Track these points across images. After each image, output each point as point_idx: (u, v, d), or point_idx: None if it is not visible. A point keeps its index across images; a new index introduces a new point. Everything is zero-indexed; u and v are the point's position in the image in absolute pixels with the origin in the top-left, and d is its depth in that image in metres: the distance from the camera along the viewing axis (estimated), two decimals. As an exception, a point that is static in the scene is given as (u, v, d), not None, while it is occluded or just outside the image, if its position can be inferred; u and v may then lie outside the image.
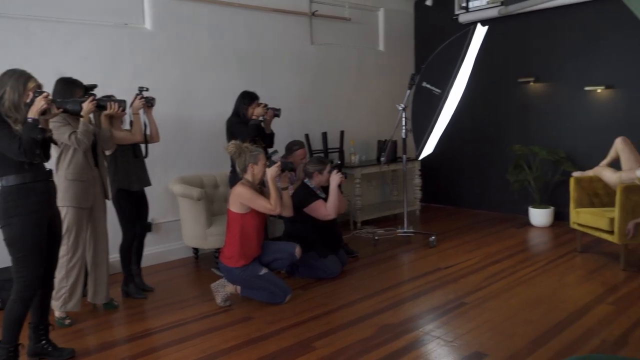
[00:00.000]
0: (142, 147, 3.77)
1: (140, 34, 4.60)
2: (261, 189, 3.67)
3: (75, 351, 2.93)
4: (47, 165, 2.74)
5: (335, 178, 4.12)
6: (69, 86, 3.29)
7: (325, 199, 4.20)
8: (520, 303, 3.50)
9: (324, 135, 5.77)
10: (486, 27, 4.93)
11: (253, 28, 5.35)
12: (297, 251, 3.75)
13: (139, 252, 3.96)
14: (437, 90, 4.82)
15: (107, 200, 3.52)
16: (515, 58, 6.15)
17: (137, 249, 3.95)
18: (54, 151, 3.20)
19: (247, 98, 4.36)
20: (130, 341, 3.12)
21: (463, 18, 6.34)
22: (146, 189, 3.92)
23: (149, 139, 3.79)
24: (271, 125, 4.56)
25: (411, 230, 5.27)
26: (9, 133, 2.51)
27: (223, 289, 3.64)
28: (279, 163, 3.62)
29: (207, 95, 5.02)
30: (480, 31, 4.85)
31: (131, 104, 3.63)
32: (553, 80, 5.88)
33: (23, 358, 2.79)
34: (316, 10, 5.85)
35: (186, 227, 4.60)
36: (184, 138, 4.90)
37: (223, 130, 4.42)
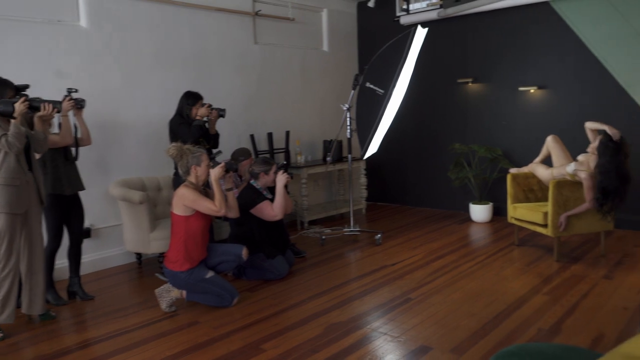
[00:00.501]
0: (73, 150, 3.66)
1: (75, 32, 4.41)
2: (206, 191, 3.62)
3: (9, 366, 2.78)
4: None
5: (281, 178, 4.12)
6: (-1, 87, 3.12)
7: (271, 200, 4.19)
8: (462, 297, 3.62)
9: (270, 135, 5.76)
10: (426, 29, 5.07)
11: (196, 27, 5.25)
12: (244, 253, 3.72)
13: (77, 259, 3.81)
14: (380, 90, 4.91)
15: (43, 205, 3.36)
16: (454, 59, 6.36)
17: (74, 256, 3.79)
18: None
19: (191, 98, 4.29)
20: (68, 353, 2.98)
21: (404, 20, 6.49)
22: (84, 193, 3.78)
23: (80, 142, 3.67)
24: (216, 125, 4.50)
25: (357, 229, 5.34)
26: None
27: (168, 294, 3.55)
28: (223, 164, 3.58)
29: (150, 95, 4.89)
30: (420, 33, 4.97)
31: None
32: (490, 81, 6.12)
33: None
34: (259, 10, 5.82)
35: (128, 232, 4.45)
36: (125, 140, 4.74)
37: (166, 131, 4.32)
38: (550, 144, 4.58)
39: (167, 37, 5.02)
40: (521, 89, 5.82)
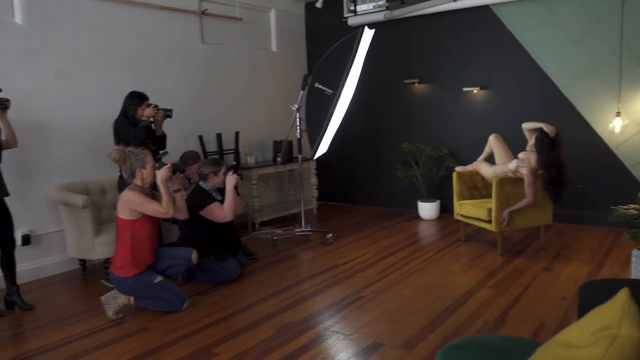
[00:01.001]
0: None
1: (9, 29, 4.19)
2: (152, 193, 3.53)
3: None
4: None
5: (231, 179, 4.07)
6: None
7: (221, 201, 4.14)
8: (412, 293, 3.70)
9: (219, 136, 5.68)
10: (373, 30, 5.15)
11: (139, 26, 5.11)
12: (194, 256, 3.66)
13: (11, 268, 3.62)
14: (329, 90, 4.94)
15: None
16: (401, 60, 6.49)
17: (8, 265, 3.60)
18: None
19: (136, 98, 4.17)
20: (8, 366, 2.84)
21: (352, 21, 6.56)
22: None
23: (4, 144, 3.49)
24: (162, 126, 4.40)
25: (309, 229, 5.36)
26: None
27: (114, 301, 3.44)
28: (170, 164, 3.50)
29: (92, 95, 4.72)
30: (367, 34, 5.04)
31: None
32: (435, 81, 6.29)
33: None
34: (206, 9, 5.73)
35: (71, 238, 4.28)
36: (66, 141, 4.55)
37: (110, 132, 4.18)
38: (492, 143, 4.76)
39: (109, 36, 4.86)
40: (465, 90, 6.01)
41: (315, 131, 5.12)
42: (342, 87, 4.92)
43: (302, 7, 7.15)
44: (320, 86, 5.00)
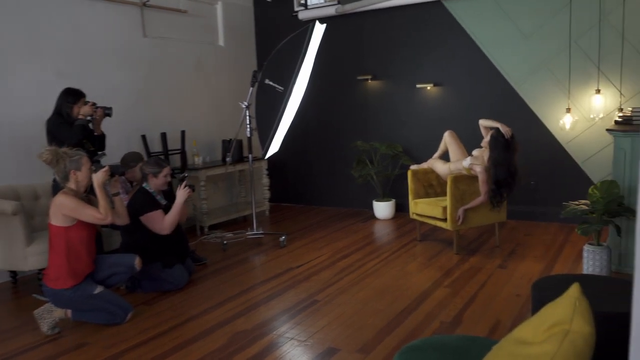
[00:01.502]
0: None
1: None
2: (89, 197, 3.40)
3: None
4: None
5: (182, 194, 4.00)
6: None
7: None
8: (368, 295, 3.74)
9: (163, 135, 5.56)
10: (324, 25, 5.17)
11: (73, 17, 4.92)
12: (137, 263, 3.55)
13: None
14: (280, 87, 4.92)
15: None
16: (353, 56, 6.55)
17: None
18: None
19: (72, 96, 4.02)
20: None
21: (302, 15, 6.57)
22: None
23: None
24: (101, 126, 4.26)
25: (261, 231, 5.32)
26: None
27: (50, 315, 3.30)
28: (107, 167, 3.39)
29: (20, 93, 4.51)
30: (319, 29, 5.06)
31: None
32: (389, 78, 6.38)
33: None
34: (148, 0, 5.59)
35: None
36: (-8, 143, 4.34)
37: (42, 132, 4.00)
38: (447, 140, 4.87)
39: (39, 27, 4.66)
40: (419, 86, 6.12)
41: (266, 129, 5.09)
42: (294, 84, 4.92)
43: (251, 0, 7.10)
44: (270, 82, 4.97)
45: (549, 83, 5.44)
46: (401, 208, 6.25)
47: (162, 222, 3.95)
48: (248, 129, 5.18)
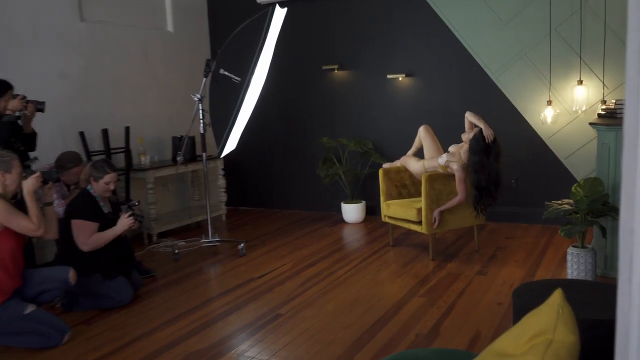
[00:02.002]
0: None
1: None
2: (19, 203, 3.30)
3: None
4: None
5: (124, 223, 3.91)
6: None
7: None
8: (337, 307, 3.75)
9: (105, 132, 5.45)
10: (285, 9, 5.16)
11: (-1, -2, 4.78)
12: (71, 276, 3.46)
13: None
14: (237, 78, 4.90)
15: None
16: (318, 43, 6.56)
17: None
18: None
19: (-2, 88, 3.90)
20: None
21: (261, -2, 6.54)
22: None
23: None
24: (32, 122, 4.15)
25: (217, 239, 5.28)
26: None
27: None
28: (38, 173, 3.31)
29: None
30: (279, 13, 5.06)
31: None
32: (357, 68, 6.42)
33: None
34: (85, -21, 5.48)
35: None
36: None
37: (-38, 130, 3.87)
38: (422, 135, 4.93)
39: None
40: (389, 77, 6.18)
41: (221, 125, 5.05)
42: (252, 74, 4.90)
43: (203, -19, 7.04)
44: (226, 73, 4.94)
45: (529, 73, 5.57)
46: (372, 210, 6.30)
47: (87, 238, 3.83)
48: (201, 125, 5.13)
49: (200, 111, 5.11)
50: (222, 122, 5.03)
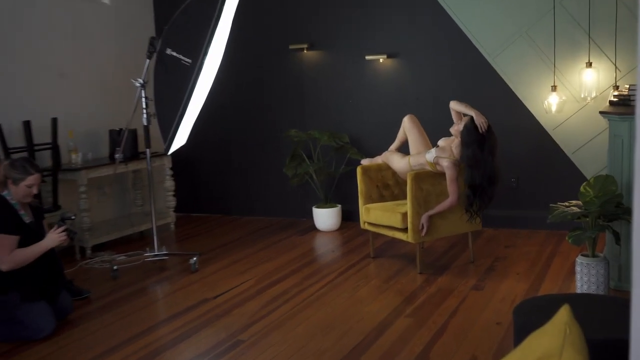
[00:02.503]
0: None
1: None
2: None
3: None
4: None
5: (53, 238, 3.88)
6: None
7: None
8: (309, 330, 3.75)
9: (27, 124, 5.37)
10: (245, -22, 5.14)
11: None
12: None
13: None
14: (187, 60, 4.86)
15: None
16: (284, 19, 6.56)
17: None
18: None
19: None
20: None
21: (216, -36, 6.51)
22: None
23: None
24: None
25: (164, 252, 5.25)
26: None
27: None
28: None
29: None
30: (238, -18, 5.03)
31: None
32: (330, 47, 6.43)
33: None
34: (1, -60, 5.39)
35: None
36: None
37: None
38: (407, 126, 4.95)
39: None
40: (368, 58, 6.21)
41: (169, 115, 5.01)
42: (205, 55, 4.87)
43: (145, -57, 6.98)
44: (173, 53, 4.90)
45: (530, 54, 5.65)
46: (349, 216, 6.32)
47: (5, 254, 3.74)
48: (145, 116, 5.09)
49: (143, 99, 5.07)
50: (170, 112, 4.99)
